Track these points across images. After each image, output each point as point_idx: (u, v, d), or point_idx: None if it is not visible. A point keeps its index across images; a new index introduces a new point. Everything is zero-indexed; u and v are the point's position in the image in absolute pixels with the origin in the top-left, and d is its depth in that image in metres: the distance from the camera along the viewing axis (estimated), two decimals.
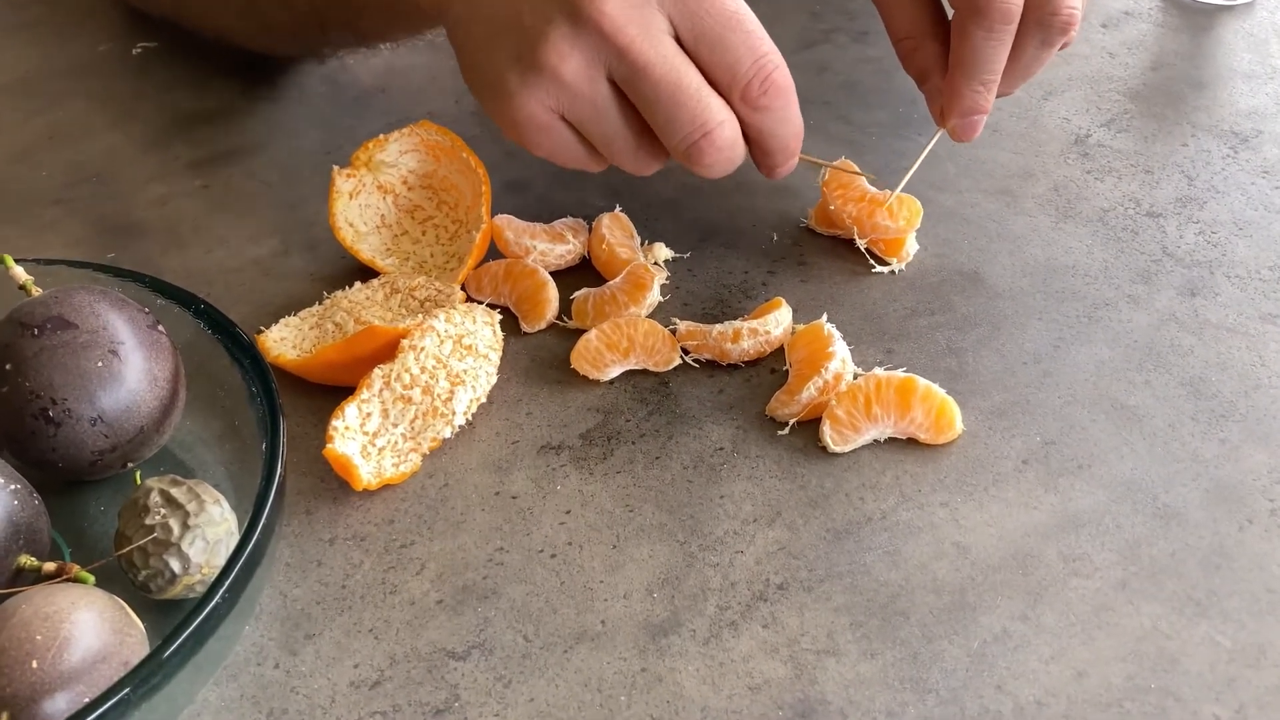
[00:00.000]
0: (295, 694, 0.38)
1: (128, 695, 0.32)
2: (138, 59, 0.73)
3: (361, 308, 0.49)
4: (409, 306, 0.50)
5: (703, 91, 0.45)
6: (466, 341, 0.46)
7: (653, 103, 0.45)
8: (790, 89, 0.46)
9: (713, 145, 0.46)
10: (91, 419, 0.40)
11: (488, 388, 0.47)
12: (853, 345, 0.50)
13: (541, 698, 0.38)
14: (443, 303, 0.49)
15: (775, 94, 0.46)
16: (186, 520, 0.37)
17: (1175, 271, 0.54)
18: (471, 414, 0.46)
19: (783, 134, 0.47)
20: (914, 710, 0.37)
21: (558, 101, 0.45)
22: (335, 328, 0.49)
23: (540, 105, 0.45)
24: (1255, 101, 0.66)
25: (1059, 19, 0.49)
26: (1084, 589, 0.40)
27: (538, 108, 0.45)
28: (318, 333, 0.49)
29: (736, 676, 0.38)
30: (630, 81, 0.45)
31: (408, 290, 0.50)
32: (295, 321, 0.50)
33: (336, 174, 0.53)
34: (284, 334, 0.49)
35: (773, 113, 0.46)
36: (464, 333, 0.46)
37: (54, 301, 0.41)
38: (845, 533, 0.42)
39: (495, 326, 0.48)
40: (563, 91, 0.45)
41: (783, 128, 0.47)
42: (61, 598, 0.34)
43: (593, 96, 0.45)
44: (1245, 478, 0.44)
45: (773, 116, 0.46)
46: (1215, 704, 0.37)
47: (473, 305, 0.48)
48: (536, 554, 0.42)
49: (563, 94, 0.45)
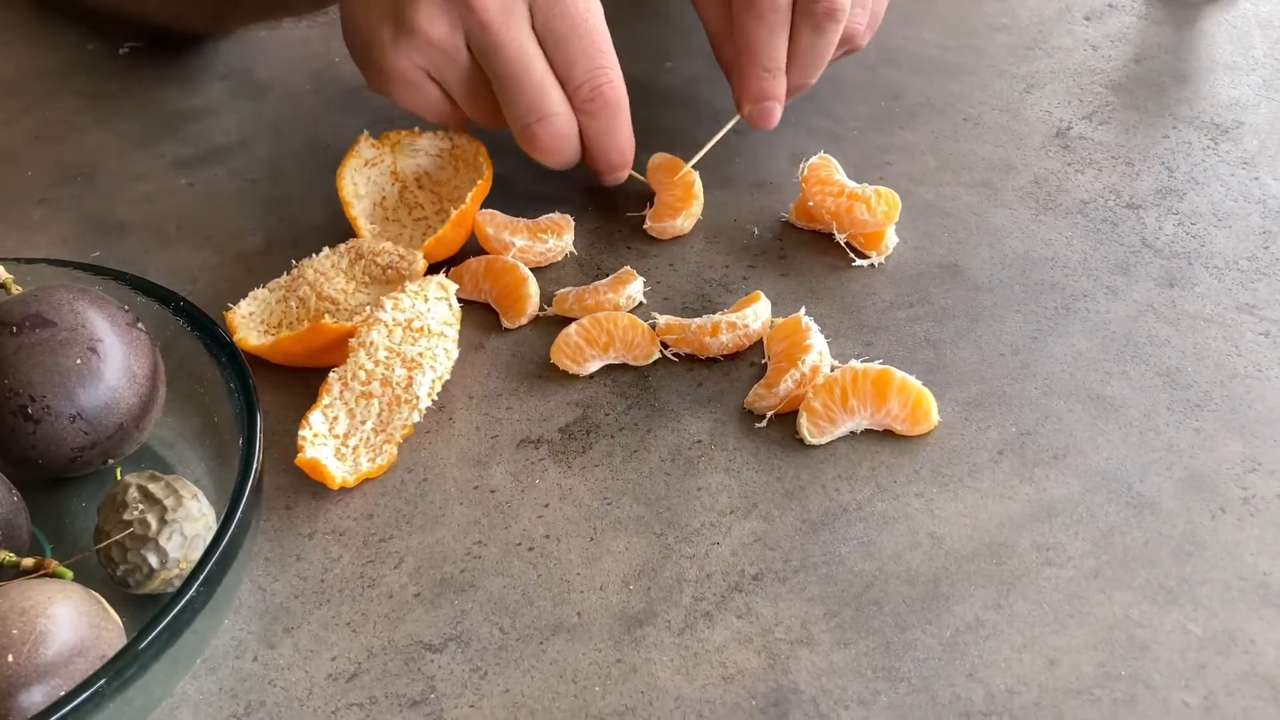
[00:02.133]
0: (273, 686, 0.38)
1: (103, 687, 0.32)
2: (124, 59, 0.73)
3: (325, 279, 0.50)
4: (371, 274, 0.51)
5: (545, 81, 0.50)
6: (417, 324, 0.46)
7: (499, 79, 0.50)
8: (618, 103, 0.51)
9: (545, 131, 0.51)
10: (71, 416, 0.40)
11: (449, 364, 0.47)
12: (831, 338, 0.50)
13: (517, 689, 0.38)
14: (403, 270, 0.50)
15: (602, 105, 0.51)
16: (164, 515, 0.38)
17: (1154, 263, 0.54)
18: (437, 394, 0.47)
19: (605, 144, 0.53)
20: (885, 698, 0.37)
21: (425, 59, 0.50)
22: (299, 302, 0.50)
23: (409, 61, 0.50)
24: (1237, 93, 0.66)
25: (821, 6, 0.52)
26: (1057, 578, 0.41)
27: (406, 64, 0.50)
28: (283, 308, 0.51)
29: (710, 666, 0.38)
30: (484, 55, 0.50)
31: (370, 256, 0.51)
32: (264, 294, 0.51)
33: (364, 138, 0.56)
34: (252, 308, 0.51)
35: (599, 121, 0.51)
36: (413, 316, 0.46)
37: (33, 300, 0.41)
38: (821, 524, 0.43)
39: (451, 299, 0.48)
40: (430, 50, 0.50)
41: (607, 138, 0.52)
42: (38, 592, 0.34)
43: (455, 58, 0.50)
44: (1219, 466, 0.44)
45: (598, 124, 0.52)
46: (1185, 691, 0.37)
47: (426, 279, 0.48)
48: (514, 547, 0.42)
49: (429, 53, 0.50)
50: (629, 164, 0.55)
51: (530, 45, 0.49)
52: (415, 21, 0.49)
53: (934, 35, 0.73)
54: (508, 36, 0.49)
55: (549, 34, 0.49)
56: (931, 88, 0.68)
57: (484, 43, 0.49)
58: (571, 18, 0.49)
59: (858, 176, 0.59)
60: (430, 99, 0.52)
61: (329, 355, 0.48)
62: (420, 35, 0.49)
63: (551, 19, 0.49)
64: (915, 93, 0.67)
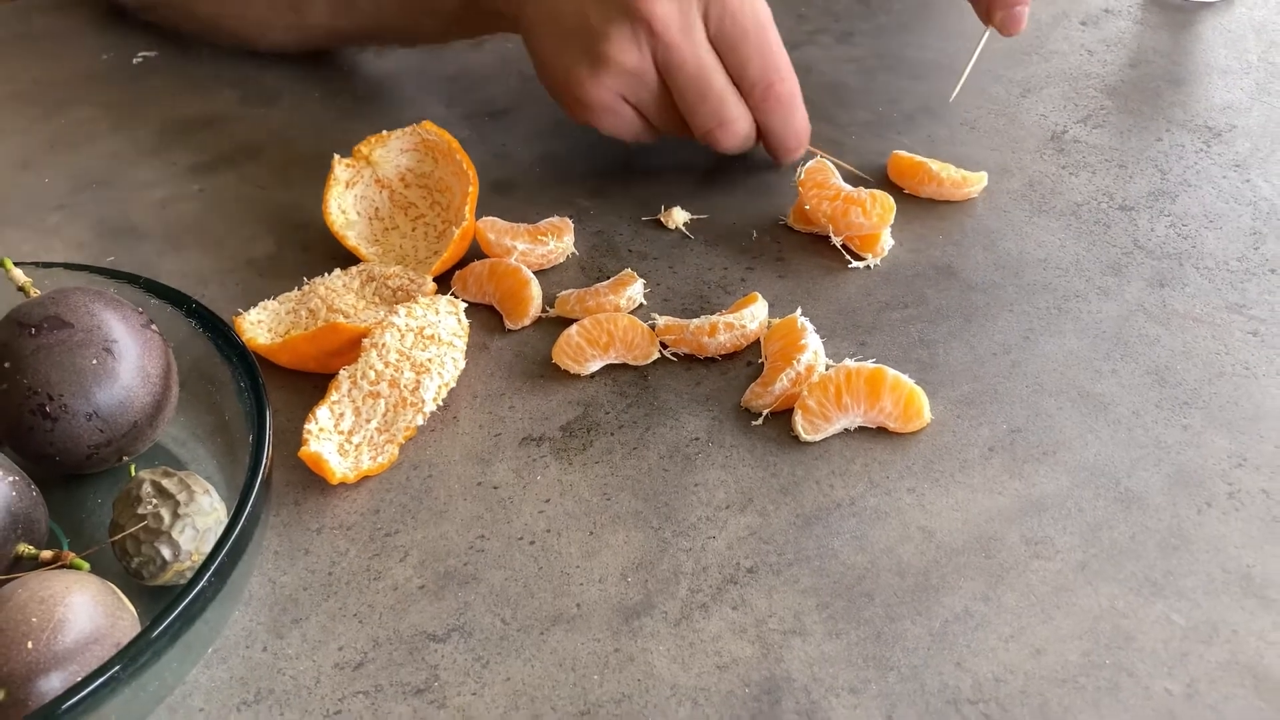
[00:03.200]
0: (282, 675, 0.39)
1: (118, 673, 0.33)
2: (138, 68, 0.75)
3: (336, 295, 0.51)
4: (382, 295, 0.52)
5: (725, 91, 0.55)
6: (428, 332, 0.47)
7: (683, 91, 0.55)
8: (791, 98, 0.56)
9: (726, 134, 0.56)
10: (87, 414, 0.41)
11: (456, 373, 0.49)
12: (827, 338, 0.51)
13: (517, 677, 0.39)
14: (413, 293, 0.51)
15: (776, 102, 0.56)
16: (177, 510, 0.39)
17: (1145, 263, 0.55)
18: (442, 399, 0.48)
19: (782, 134, 0.58)
20: (875, 687, 0.38)
21: (621, 85, 0.55)
22: (309, 314, 0.51)
23: (608, 91, 0.55)
24: (1230, 96, 0.67)
25: None
26: (1044, 570, 0.42)
27: (606, 94, 0.55)
28: (293, 318, 0.51)
29: (705, 656, 0.39)
30: (669, 70, 0.54)
31: (382, 279, 0.52)
32: (274, 305, 0.52)
33: (337, 162, 0.56)
34: (261, 317, 0.52)
35: (775, 117, 0.56)
36: (425, 324, 0.48)
37: (50, 302, 0.42)
38: (814, 518, 0.44)
39: (460, 315, 0.49)
40: (625, 77, 0.55)
41: (784, 129, 0.57)
42: (56, 583, 0.36)
43: (646, 80, 0.55)
44: (1206, 462, 0.45)
45: (776, 119, 0.56)
46: (1168, 679, 0.38)
47: (437, 296, 0.50)
48: (516, 541, 0.44)
49: (625, 79, 0.55)
50: (805, 146, 0.59)
51: (708, 57, 0.54)
52: (609, 53, 0.54)
53: (932, 41, 0.74)
54: (689, 52, 0.53)
55: (722, 39, 0.54)
56: (929, 93, 0.69)
57: (669, 60, 0.54)
58: (742, 22, 0.54)
59: (855, 180, 0.60)
60: (628, 121, 0.57)
61: (338, 359, 0.49)
62: (615, 65, 0.54)
63: (725, 26, 0.53)
64: (913, 98, 0.68)
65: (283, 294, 0.53)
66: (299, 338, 0.49)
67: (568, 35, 0.55)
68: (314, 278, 0.54)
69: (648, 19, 0.53)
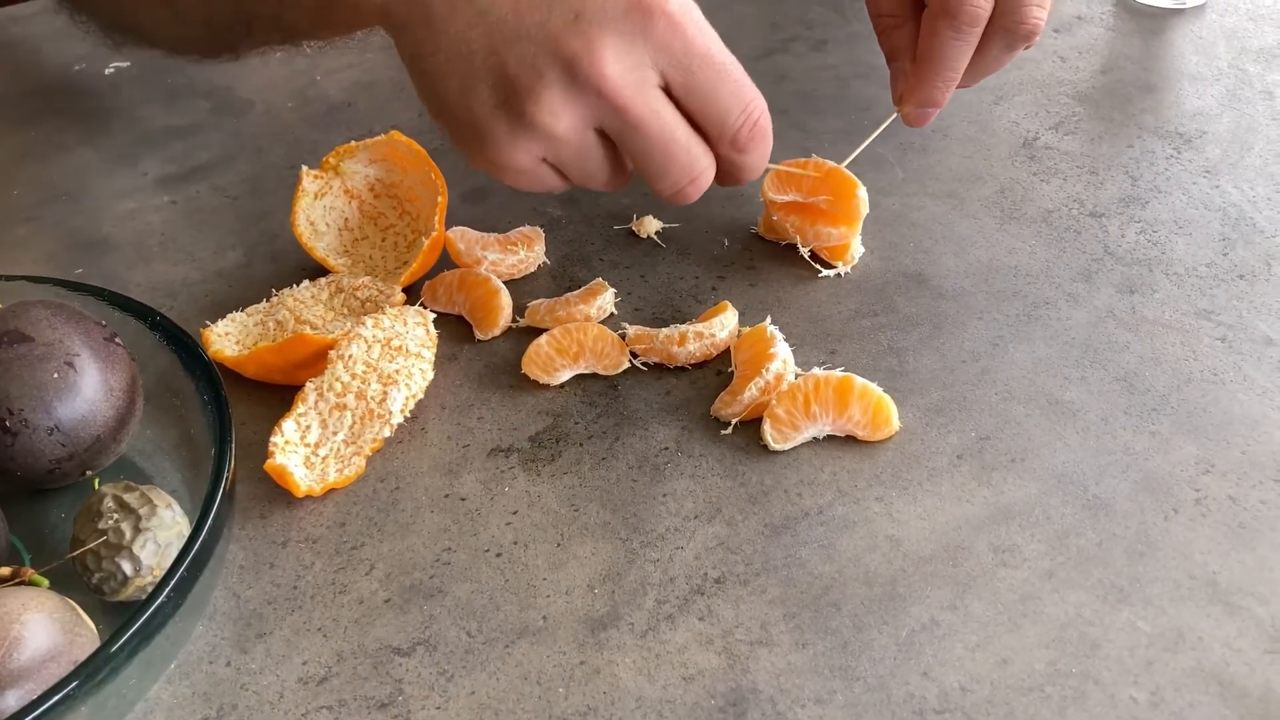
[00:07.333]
0: (245, 690, 0.39)
1: (74, 690, 0.33)
2: (109, 79, 0.74)
3: (304, 306, 0.51)
4: (350, 306, 0.51)
5: (692, 144, 0.47)
6: (396, 343, 0.47)
7: (645, 155, 0.47)
8: (770, 127, 0.49)
9: (697, 189, 0.49)
10: (48, 429, 0.41)
11: (423, 384, 0.48)
12: (797, 347, 0.51)
13: (482, 690, 0.39)
14: (382, 303, 0.51)
15: (760, 137, 0.48)
16: (138, 524, 0.39)
17: (1115, 270, 0.55)
18: (409, 411, 0.48)
19: (756, 165, 0.50)
20: (841, 697, 0.38)
21: (546, 150, 0.47)
22: (278, 325, 0.51)
23: (528, 155, 0.47)
24: (1201, 103, 0.67)
25: (1024, 27, 0.52)
26: (1012, 579, 0.42)
27: (525, 157, 0.47)
28: (260, 330, 0.51)
29: (671, 667, 0.39)
30: (623, 135, 0.46)
31: (350, 290, 0.52)
32: (241, 318, 0.52)
33: (305, 174, 0.56)
34: (229, 329, 0.51)
35: (754, 152, 0.49)
36: (392, 335, 0.47)
37: (11, 316, 0.42)
38: (782, 528, 0.44)
39: (428, 325, 0.49)
40: (553, 143, 0.46)
41: (759, 160, 0.50)
42: (13, 600, 0.35)
43: (581, 147, 0.47)
44: (1174, 469, 0.45)
45: (754, 155, 0.49)
46: (1133, 686, 0.38)
47: (405, 307, 0.49)
48: (483, 553, 0.43)
49: (552, 145, 0.46)
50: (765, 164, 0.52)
51: (669, 113, 0.46)
52: (535, 116, 0.45)
53: None
54: (648, 112, 0.45)
55: (693, 91, 0.46)
56: None
57: (623, 125, 0.46)
58: (711, 67, 0.46)
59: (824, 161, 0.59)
60: (545, 180, 0.49)
61: (305, 371, 0.48)
62: (542, 129, 0.45)
63: (692, 76, 0.46)
64: (885, 105, 0.68)
65: (251, 306, 0.53)
66: (265, 349, 0.48)
67: (476, 76, 0.46)
68: (283, 289, 0.53)
69: (596, 83, 0.44)
